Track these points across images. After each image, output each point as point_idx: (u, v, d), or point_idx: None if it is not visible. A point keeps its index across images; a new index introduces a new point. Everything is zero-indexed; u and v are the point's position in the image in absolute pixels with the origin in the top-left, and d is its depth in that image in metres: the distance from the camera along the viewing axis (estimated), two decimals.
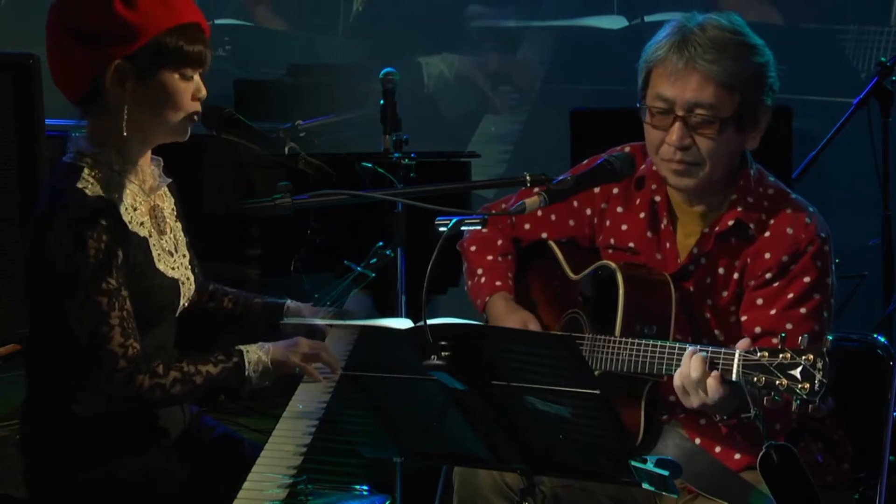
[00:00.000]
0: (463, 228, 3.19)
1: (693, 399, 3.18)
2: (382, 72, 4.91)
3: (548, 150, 6.73)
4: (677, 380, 3.20)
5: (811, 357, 3.03)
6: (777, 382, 3.04)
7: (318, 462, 3.16)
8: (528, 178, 3.35)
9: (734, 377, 3.10)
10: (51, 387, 3.29)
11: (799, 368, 3.03)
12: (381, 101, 4.92)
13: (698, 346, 3.20)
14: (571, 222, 3.69)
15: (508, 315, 3.64)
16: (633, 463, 2.87)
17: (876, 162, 5.20)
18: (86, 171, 3.24)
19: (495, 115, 7.95)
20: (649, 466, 2.85)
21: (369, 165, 4.82)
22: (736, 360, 3.10)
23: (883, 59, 5.32)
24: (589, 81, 7.61)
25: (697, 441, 3.43)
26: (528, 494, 3.09)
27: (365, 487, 3.50)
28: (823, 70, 7.34)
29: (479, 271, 3.75)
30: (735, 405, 3.19)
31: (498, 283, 3.71)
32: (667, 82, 3.41)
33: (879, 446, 3.55)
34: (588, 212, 3.66)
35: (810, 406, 3.02)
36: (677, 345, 3.27)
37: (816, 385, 3.01)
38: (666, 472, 2.84)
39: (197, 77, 3.28)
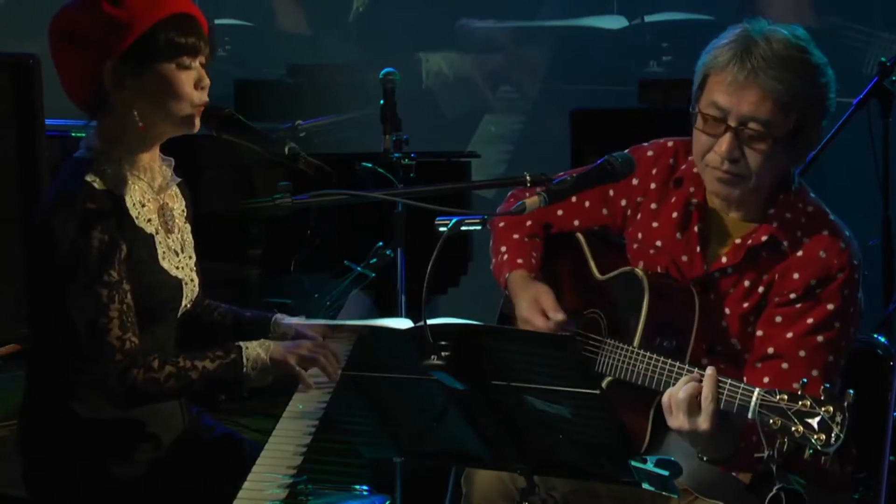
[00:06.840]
0: (463, 228, 3.18)
1: (673, 421, 3.13)
2: (382, 72, 4.92)
3: (548, 150, 6.73)
4: (665, 396, 3.14)
5: (831, 410, 2.97)
6: (793, 428, 2.99)
7: (318, 462, 3.16)
8: (528, 178, 3.34)
9: (750, 414, 3.05)
10: (50, 385, 3.29)
11: (817, 418, 2.97)
12: (381, 101, 4.93)
13: (716, 375, 3.12)
14: (605, 211, 3.64)
15: (523, 289, 3.58)
16: (633, 463, 2.87)
17: (876, 162, 5.19)
18: (95, 166, 3.25)
19: (493, 115, 7.95)
20: (649, 466, 2.85)
21: (369, 165, 4.82)
22: (754, 398, 3.05)
23: (883, 59, 5.31)
24: (589, 81, 7.60)
25: None
26: (528, 494, 3.09)
27: (365, 487, 3.50)
28: None
29: (503, 249, 3.70)
30: (721, 448, 3.16)
31: (519, 262, 3.64)
32: (724, 91, 3.32)
33: (879, 446, 3.55)
34: (623, 202, 3.61)
35: (823, 458, 2.97)
36: (696, 369, 3.20)
37: (833, 438, 2.95)
38: (666, 473, 2.83)
39: (198, 66, 3.28)
